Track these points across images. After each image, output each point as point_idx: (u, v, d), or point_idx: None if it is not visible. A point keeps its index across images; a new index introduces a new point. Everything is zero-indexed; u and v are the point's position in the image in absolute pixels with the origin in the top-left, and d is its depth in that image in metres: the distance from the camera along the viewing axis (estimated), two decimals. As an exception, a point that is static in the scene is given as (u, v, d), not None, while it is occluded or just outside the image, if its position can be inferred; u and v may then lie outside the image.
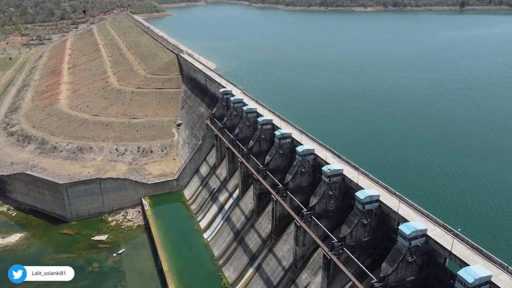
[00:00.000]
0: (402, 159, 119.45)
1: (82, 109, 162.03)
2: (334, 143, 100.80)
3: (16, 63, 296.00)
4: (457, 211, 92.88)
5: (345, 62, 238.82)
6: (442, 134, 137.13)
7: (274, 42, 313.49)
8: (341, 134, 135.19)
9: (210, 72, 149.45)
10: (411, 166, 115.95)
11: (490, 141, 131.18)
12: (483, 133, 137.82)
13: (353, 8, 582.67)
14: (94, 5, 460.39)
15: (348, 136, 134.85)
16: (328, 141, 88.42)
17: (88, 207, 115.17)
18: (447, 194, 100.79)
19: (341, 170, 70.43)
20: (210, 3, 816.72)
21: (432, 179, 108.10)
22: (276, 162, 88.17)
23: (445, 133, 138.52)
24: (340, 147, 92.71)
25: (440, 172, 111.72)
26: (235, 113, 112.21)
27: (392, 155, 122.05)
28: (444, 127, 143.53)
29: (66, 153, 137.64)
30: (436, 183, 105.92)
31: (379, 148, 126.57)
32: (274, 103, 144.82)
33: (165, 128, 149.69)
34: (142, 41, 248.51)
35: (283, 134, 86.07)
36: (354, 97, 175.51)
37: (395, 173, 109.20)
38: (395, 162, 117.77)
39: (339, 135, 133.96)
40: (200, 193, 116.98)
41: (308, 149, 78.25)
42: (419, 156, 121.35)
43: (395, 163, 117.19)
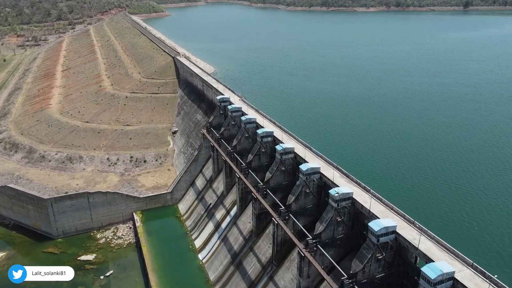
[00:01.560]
0: (420, 179, 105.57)
1: (73, 115, 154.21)
2: (342, 159, 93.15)
3: (10, 65, 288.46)
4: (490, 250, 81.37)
5: (349, 65, 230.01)
6: (460, 147, 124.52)
7: (275, 44, 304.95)
8: (348, 149, 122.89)
9: (207, 77, 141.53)
10: (431, 187, 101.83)
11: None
12: (506, 144, 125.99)
13: (355, 8, 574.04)
14: (92, 5, 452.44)
15: (356, 151, 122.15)
16: (335, 157, 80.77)
17: (76, 223, 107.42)
18: (479, 222, 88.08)
19: (350, 194, 62.48)
20: (210, 3, 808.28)
21: (459, 202, 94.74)
22: (277, 180, 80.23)
23: (463, 145, 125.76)
24: (348, 165, 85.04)
25: (469, 194, 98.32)
26: (233, 123, 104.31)
27: (408, 175, 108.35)
28: (461, 138, 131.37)
29: (55, 163, 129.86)
30: (465, 208, 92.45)
31: (392, 165, 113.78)
32: (275, 112, 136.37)
33: (159, 136, 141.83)
34: (139, 42, 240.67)
35: (285, 149, 78.11)
36: (361, 104, 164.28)
37: (413, 198, 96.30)
38: (412, 183, 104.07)
39: (347, 150, 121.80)
40: (195, 208, 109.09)
41: (313, 168, 70.29)
42: (438, 174, 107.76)
43: (412, 184, 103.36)
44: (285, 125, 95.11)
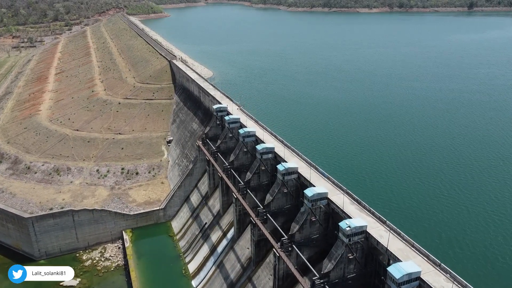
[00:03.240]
0: (447, 208, 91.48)
1: (62, 123, 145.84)
2: (352, 181, 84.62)
3: (3, 67, 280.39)
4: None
5: (353, 68, 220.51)
6: (488, 162, 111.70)
7: (275, 46, 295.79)
8: (358, 168, 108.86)
9: (204, 82, 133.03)
10: (457, 216, 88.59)
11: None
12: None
13: (357, 9, 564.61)
14: (89, 6, 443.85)
15: (367, 171, 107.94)
16: (344, 178, 72.37)
17: (60, 243, 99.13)
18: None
19: (364, 227, 53.97)
20: (210, 3, 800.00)
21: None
22: (279, 203, 71.69)
23: (491, 160, 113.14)
24: (359, 188, 76.61)
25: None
26: (231, 135, 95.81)
27: (430, 201, 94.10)
28: (486, 151, 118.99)
29: (41, 175, 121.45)
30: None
31: (410, 189, 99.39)
32: (276, 122, 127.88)
33: (153, 146, 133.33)
34: (135, 45, 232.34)
35: (287, 170, 69.55)
36: (370, 113, 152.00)
37: (436, 236, 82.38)
38: (438, 213, 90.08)
39: (356, 169, 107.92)
40: (190, 227, 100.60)
41: (319, 193, 61.74)
42: (465, 199, 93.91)
43: (437, 214, 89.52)
44: (287, 138, 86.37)
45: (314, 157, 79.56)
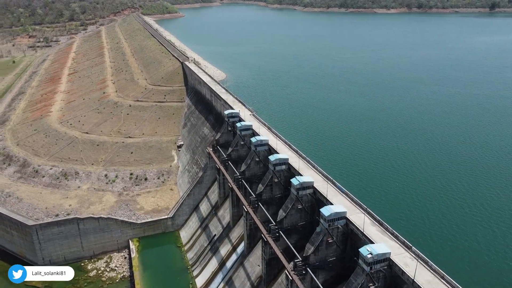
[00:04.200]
0: (476, 233, 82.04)
1: (72, 125, 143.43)
2: (372, 198, 77.35)
3: (18, 67, 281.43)
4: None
5: (371, 71, 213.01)
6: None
7: (291, 48, 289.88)
8: (379, 183, 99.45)
9: (216, 86, 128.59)
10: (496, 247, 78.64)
11: None
12: None
13: (375, 9, 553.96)
14: (105, 6, 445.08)
15: (390, 187, 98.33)
16: (364, 194, 66.43)
17: (64, 251, 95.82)
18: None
19: (387, 254, 48.52)
20: (225, 3, 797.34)
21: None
22: (293, 220, 66.59)
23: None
24: (380, 206, 70.20)
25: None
26: (242, 143, 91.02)
27: (460, 227, 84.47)
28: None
29: (48, 179, 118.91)
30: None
31: (438, 211, 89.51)
32: (291, 130, 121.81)
33: (163, 150, 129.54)
34: (148, 45, 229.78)
35: (302, 184, 64.42)
36: (390, 121, 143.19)
37: (469, 265, 74.05)
38: (464, 239, 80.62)
39: (377, 185, 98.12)
40: (198, 238, 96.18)
41: (338, 212, 56.50)
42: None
43: (464, 241, 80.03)
44: (302, 148, 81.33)
45: (331, 170, 74.32)
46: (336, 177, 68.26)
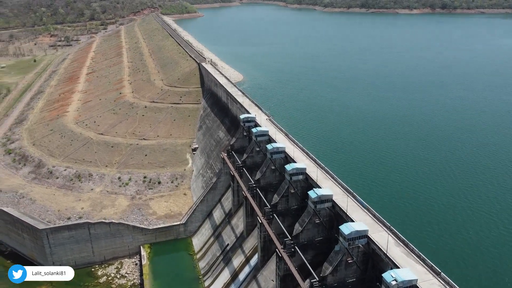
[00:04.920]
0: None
1: (88, 126, 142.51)
2: (396, 215, 71.78)
3: (39, 65, 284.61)
4: None
5: (394, 74, 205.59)
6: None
7: (310, 48, 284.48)
8: (405, 200, 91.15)
9: (233, 88, 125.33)
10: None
11: None
12: None
13: (397, 10, 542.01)
14: (125, 6, 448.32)
15: (416, 203, 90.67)
16: (387, 210, 61.53)
17: (75, 256, 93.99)
18: None
19: (414, 281, 44.09)
20: (245, 3, 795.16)
21: None
22: (309, 235, 62.54)
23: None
24: (405, 225, 64.67)
25: None
26: (258, 149, 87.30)
27: (494, 249, 77.20)
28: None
29: (62, 180, 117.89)
30: None
31: (470, 232, 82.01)
32: (308, 137, 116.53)
33: (177, 153, 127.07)
34: (166, 45, 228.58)
35: (320, 197, 60.31)
36: (415, 129, 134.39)
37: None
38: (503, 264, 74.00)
39: (403, 202, 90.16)
40: (211, 246, 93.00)
41: (359, 231, 52.23)
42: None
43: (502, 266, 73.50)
44: (321, 156, 77.10)
45: (352, 181, 69.32)
46: (357, 190, 63.88)
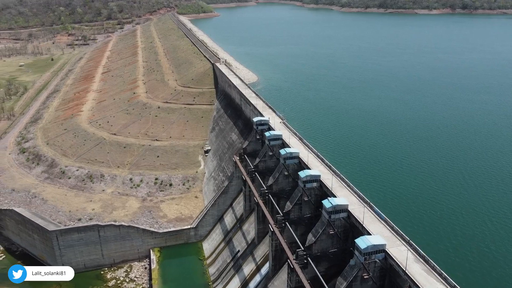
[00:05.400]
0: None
1: (101, 125, 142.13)
2: (416, 228, 67.75)
3: (56, 64, 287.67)
4: None
5: (413, 76, 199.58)
6: None
7: (326, 49, 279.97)
8: (426, 212, 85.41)
9: (246, 89, 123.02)
10: None
11: None
12: None
13: (416, 10, 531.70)
14: (141, 5, 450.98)
15: (439, 216, 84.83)
16: (406, 222, 58.25)
17: (84, 258, 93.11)
18: None
19: (436, 303, 40.77)
20: (261, 3, 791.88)
21: None
22: (323, 246, 59.69)
23: None
24: (426, 238, 60.99)
25: None
26: (271, 153, 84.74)
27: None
28: None
29: (74, 181, 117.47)
30: None
31: (499, 250, 76.25)
32: (324, 142, 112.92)
33: (190, 155, 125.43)
34: (180, 45, 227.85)
35: (335, 207, 57.49)
36: (435, 135, 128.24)
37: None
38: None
39: (424, 214, 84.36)
40: (221, 252, 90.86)
41: (375, 245, 49.25)
42: None
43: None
44: (336, 163, 74.25)
45: (369, 190, 66.38)
46: (375, 200, 60.98)
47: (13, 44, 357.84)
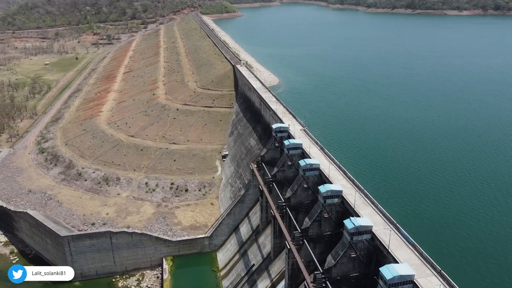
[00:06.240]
0: None
1: (119, 127, 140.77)
2: (448, 257, 61.13)
3: (80, 63, 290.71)
4: None
5: (443, 81, 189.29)
6: None
7: (351, 52, 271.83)
8: (460, 239, 76.05)
9: (266, 93, 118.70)
10: None
11: None
12: None
13: (445, 11, 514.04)
14: (165, 5, 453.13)
15: (477, 246, 75.38)
16: (436, 250, 52.63)
17: (96, 265, 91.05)
18: None
19: None
20: (285, 3, 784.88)
21: None
22: (344, 269, 54.92)
23: None
24: (459, 271, 54.87)
25: None
26: (290, 163, 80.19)
27: None
28: None
29: (90, 183, 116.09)
30: None
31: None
32: (347, 152, 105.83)
33: (207, 160, 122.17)
34: (202, 46, 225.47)
35: (358, 229, 52.58)
36: (469, 146, 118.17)
37: None
38: None
39: (456, 240, 75.31)
40: (236, 264, 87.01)
41: (402, 276, 44.14)
42: None
43: None
44: (360, 176, 69.10)
45: (395, 209, 60.85)
46: (402, 221, 55.49)
47: (40, 42, 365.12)
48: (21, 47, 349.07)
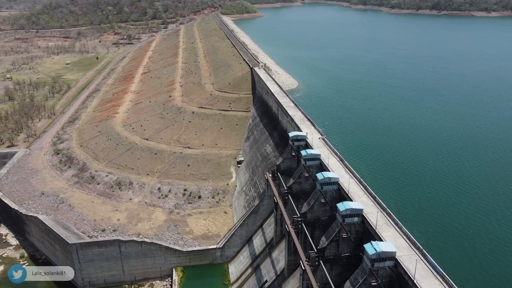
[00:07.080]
0: None
1: (134, 129, 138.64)
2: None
3: (100, 63, 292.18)
4: None
5: (472, 87, 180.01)
6: None
7: (374, 54, 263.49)
8: (496, 267, 67.88)
9: (284, 98, 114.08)
10: None
11: None
12: None
13: (472, 12, 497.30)
14: (186, 5, 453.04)
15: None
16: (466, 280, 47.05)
17: (104, 274, 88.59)
18: None
19: None
20: (307, 3, 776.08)
21: None
22: (363, 298, 49.74)
23: None
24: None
25: None
26: (307, 175, 75.40)
27: None
28: None
29: (103, 187, 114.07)
30: None
31: None
32: (368, 164, 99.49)
33: (221, 165, 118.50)
34: (221, 47, 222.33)
35: (380, 255, 47.53)
36: (503, 158, 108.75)
37: None
38: None
39: (492, 268, 67.15)
40: (248, 279, 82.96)
41: (431, 315, 38.78)
42: None
43: None
44: (382, 192, 63.63)
45: (421, 232, 55.18)
46: (429, 247, 50.12)
47: (63, 42, 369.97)
48: (44, 46, 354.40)
